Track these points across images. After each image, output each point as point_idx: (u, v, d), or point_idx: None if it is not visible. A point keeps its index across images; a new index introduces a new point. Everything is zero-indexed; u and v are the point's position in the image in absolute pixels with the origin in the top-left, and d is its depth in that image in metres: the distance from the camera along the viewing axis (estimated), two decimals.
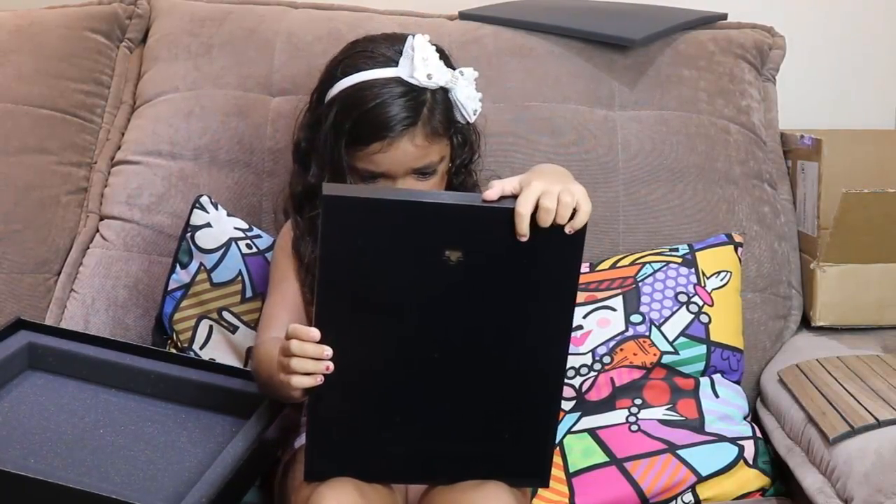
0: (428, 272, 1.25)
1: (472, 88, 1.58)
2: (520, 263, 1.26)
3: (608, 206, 1.86)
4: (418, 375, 1.30)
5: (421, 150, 1.52)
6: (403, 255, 1.25)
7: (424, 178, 1.54)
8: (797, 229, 1.94)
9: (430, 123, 1.52)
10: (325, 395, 1.28)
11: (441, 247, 1.24)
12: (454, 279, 1.26)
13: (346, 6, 2.02)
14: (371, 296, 1.26)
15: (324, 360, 1.26)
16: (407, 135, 1.50)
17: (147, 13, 2.05)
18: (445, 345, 1.29)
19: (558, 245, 1.25)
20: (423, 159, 1.53)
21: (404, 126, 1.50)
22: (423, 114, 1.51)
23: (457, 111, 1.57)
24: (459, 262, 1.25)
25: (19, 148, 1.91)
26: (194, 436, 1.46)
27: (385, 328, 1.28)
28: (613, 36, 1.92)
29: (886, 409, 1.49)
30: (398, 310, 1.27)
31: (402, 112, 1.50)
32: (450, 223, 1.25)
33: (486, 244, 1.25)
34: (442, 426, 1.33)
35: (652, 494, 1.62)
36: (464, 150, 1.61)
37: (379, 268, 1.25)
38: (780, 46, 2.02)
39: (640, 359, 1.70)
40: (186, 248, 1.77)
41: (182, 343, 1.75)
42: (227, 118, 1.91)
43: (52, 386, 1.52)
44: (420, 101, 1.52)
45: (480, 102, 1.59)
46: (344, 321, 1.27)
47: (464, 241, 1.24)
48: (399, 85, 1.51)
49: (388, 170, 1.52)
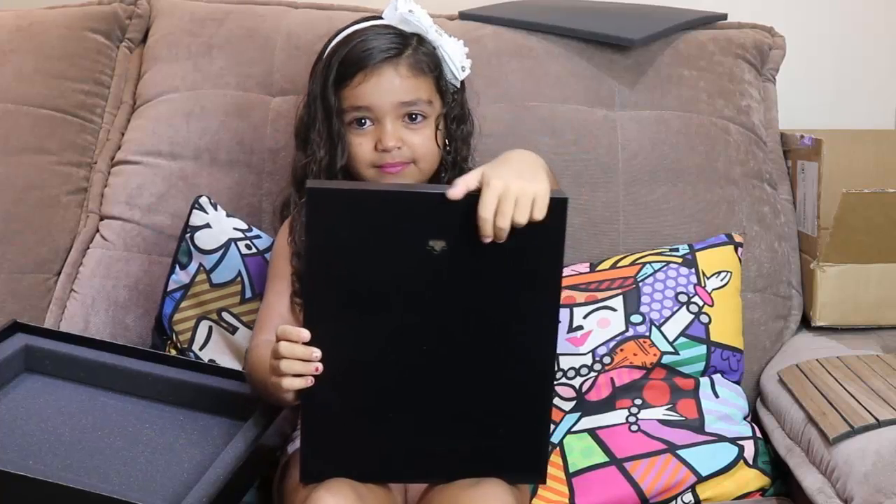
0: (413, 263, 1.26)
1: (459, 46, 1.62)
2: (502, 254, 1.26)
3: (608, 206, 1.86)
4: (409, 370, 1.31)
5: (407, 81, 1.55)
6: (388, 246, 1.26)
7: (414, 124, 1.56)
8: (797, 229, 1.94)
9: (415, 56, 1.57)
10: (316, 393, 1.29)
11: (425, 237, 1.25)
12: (439, 270, 1.26)
13: (346, 6, 2.02)
14: (358, 288, 1.27)
15: (313, 362, 1.27)
16: (391, 64, 1.55)
17: (147, 13, 2.05)
18: (434, 337, 1.30)
19: (538, 235, 1.26)
20: (410, 93, 1.55)
21: (387, 55, 1.55)
22: (407, 49, 1.56)
23: (445, 66, 1.61)
24: (444, 253, 1.26)
25: (19, 148, 1.91)
26: (192, 438, 1.47)
27: (373, 321, 1.28)
28: (613, 36, 1.92)
29: (886, 409, 1.49)
30: (385, 302, 1.28)
31: (386, 44, 1.55)
32: (432, 213, 1.26)
33: (468, 234, 1.26)
34: (435, 422, 1.33)
35: (652, 494, 1.62)
36: (455, 108, 1.63)
37: (365, 260, 1.26)
38: (780, 46, 2.02)
39: (641, 359, 1.70)
40: (186, 248, 1.77)
41: (182, 344, 1.75)
42: (227, 118, 1.91)
43: (49, 389, 1.52)
44: (406, 38, 1.57)
45: (468, 60, 1.63)
46: (332, 315, 1.28)
47: (447, 232, 1.25)
48: (384, 28, 1.58)
49: (373, 103, 1.54)
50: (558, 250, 1.28)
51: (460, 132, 1.64)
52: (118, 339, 1.78)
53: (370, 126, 1.56)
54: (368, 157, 1.56)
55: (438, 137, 1.59)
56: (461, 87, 1.65)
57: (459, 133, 1.64)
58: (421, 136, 1.56)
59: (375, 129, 1.56)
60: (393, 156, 1.55)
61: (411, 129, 1.56)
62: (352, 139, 1.56)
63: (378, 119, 1.55)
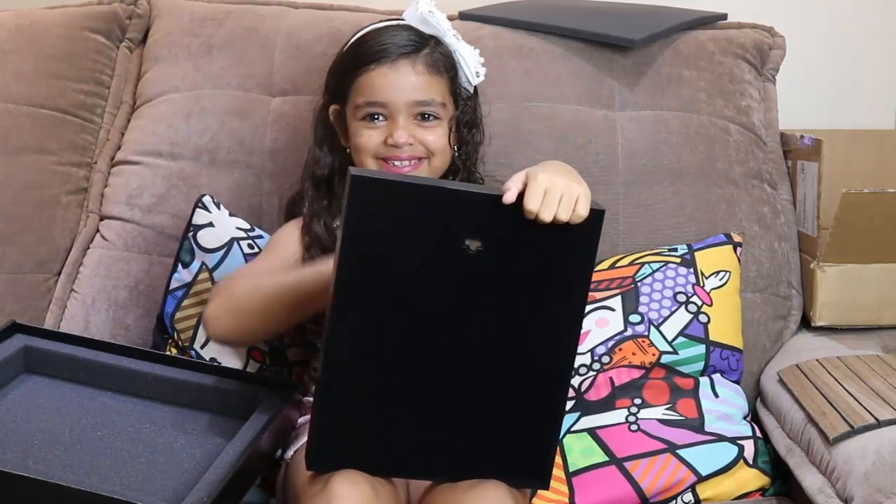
0: (446, 260, 1.26)
1: (475, 53, 1.65)
2: (535, 259, 1.27)
3: (608, 206, 1.82)
4: (427, 366, 1.30)
5: (422, 78, 1.57)
6: (424, 240, 1.25)
7: (426, 123, 1.57)
8: (797, 229, 1.94)
9: (432, 56, 1.59)
10: (333, 380, 1.28)
11: (461, 235, 1.25)
12: (471, 269, 1.26)
13: (346, 6, 2.02)
14: (389, 280, 1.26)
15: None
16: (408, 60, 1.57)
17: (147, 13, 2.05)
18: (456, 335, 1.29)
19: (572, 242, 1.26)
20: (425, 92, 1.57)
21: (406, 51, 1.57)
22: (425, 48, 1.58)
23: (460, 70, 1.63)
24: (478, 253, 1.25)
25: (19, 148, 1.91)
26: (192, 437, 1.46)
27: (399, 314, 1.28)
28: (613, 36, 1.92)
29: (886, 409, 1.49)
30: (414, 296, 1.27)
31: (404, 40, 1.58)
32: (472, 212, 1.26)
33: (504, 234, 1.26)
34: (446, 420, 1.33)
35: (652, 494, 1.62)
36: (468, 113, 1.64)
37: (399, 253, 1.25)
38: (780, 46, 2.02)
39: (639, 358, 1.70)
40: (188, 247, 1.77)
41: (183, 342, 1.75)
42: (227, 118, 1.91)
43: (48, 389, 1.52)
44: (423, 38, 1.59)
45: (483, 67, 1.66)
46: (360, 304, 1.27)
47: (484, 231, 1.25)
48: (404, 27, 1.60)
49: (388, 100, 1.56)
50: (590, 259, 1.29)
51: (471, 137, 1.66)
52: (118, 339, 1.78)
53: (382, 122, 1.58)
54: (375, 148, 1.57)
55: (451, 139, 1.60)
56: (475, 93, 1.66)
57: (470, 138, 1.65)
58: (434, 134, 1.58)
59: (388, 125, 1.57)
60: (403, 151, 1.56)
61: (424, 127, 1.58)
62: (361, 131, 1.58)
63: (391, 116, 1.57)
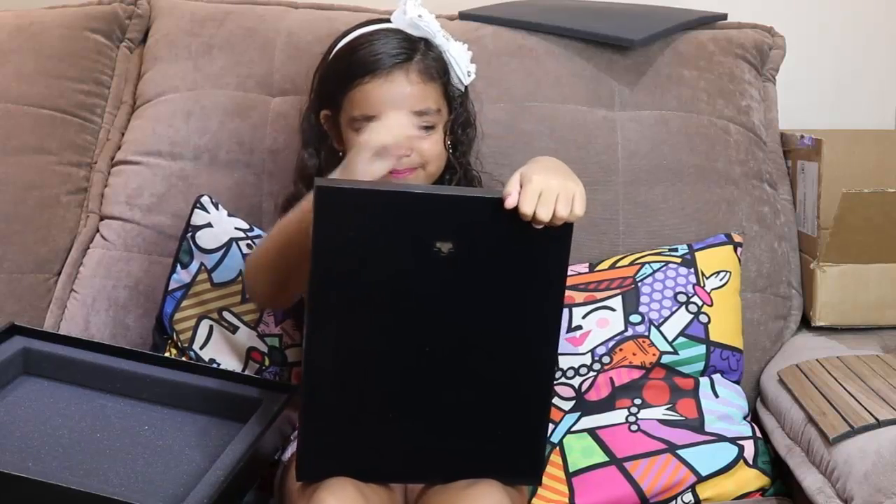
0: (419, 264, 1.27)
1: (464, 50, 1.63)
2: (508, 256, 1.27)
3: (608, 206, 1.86)
4: (410, 370, 1.31)
5: (417, 88, 1.54)
6: (395, 246, 1.26)
7: (422, 133, 1.55)
8: (797, 229, 1.94)
9: (425, 62, 1.56)
10: (318, 389, 1.29)
11: (432, 238, 1.26)
12: (445, 271, 1.27)
13: (346, 6, 2.02)
14: (363, 287, 1.27)
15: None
16: (402, 69, 1.54)
17: (147, 13, 2.05)
18: (437, 338, 1.30)
19: (545, 239, 1.27)
20: (420, 102, 1.55)
21: (398, 60, 1.54)
22: (416, 54, 1.56)
23: (452, 70, 1.61)
24: (450, 254, 1.26)
25: (19, 148, 1.91)
26: (191, 439, 1.47)
27: (377, 320, 1.29)
28: (613, 36, 1.92)
29: (886, 409, 1.49)
30: (389, 301, 1.28)
31: (396, 49, 1.55)
32: (439, 213, 1.26)
33: (475, 235, 1.26)
34: (434, 423, 1.34)
35: (652, 494, 1.62)
36: (462, 114, 1.63)
37: (371, 259, 1.26)
38: (780, 46, 2.02)
39: (640, 359, 1.70)
40: (187, 247, 1.77)
41: (182, 343, 1.75)
42: (227, 118, 1.91)
43: (47, 391, 1.52)
44: (414, 43, 1.57)
45: (473, 64, 1.64)
46: (336, 312, 1.28)
47: (453, 232, 1.26)
48: (393, 32, 1.57)
49: (385, 113, 1.52)
50: (564, 256, 1.29)
51: (466, 136, 1.65)
52: (118, 339, 1.78)
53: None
54: None
55: (446, 142, 1.59)
56: (465, 91, 1.66)
57: (465, 137, 1.65)
58: (429, 142, 1.56)
59: None
60: (401, 162, 1.54)
61: (419, 136, 1.55)
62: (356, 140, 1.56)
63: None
